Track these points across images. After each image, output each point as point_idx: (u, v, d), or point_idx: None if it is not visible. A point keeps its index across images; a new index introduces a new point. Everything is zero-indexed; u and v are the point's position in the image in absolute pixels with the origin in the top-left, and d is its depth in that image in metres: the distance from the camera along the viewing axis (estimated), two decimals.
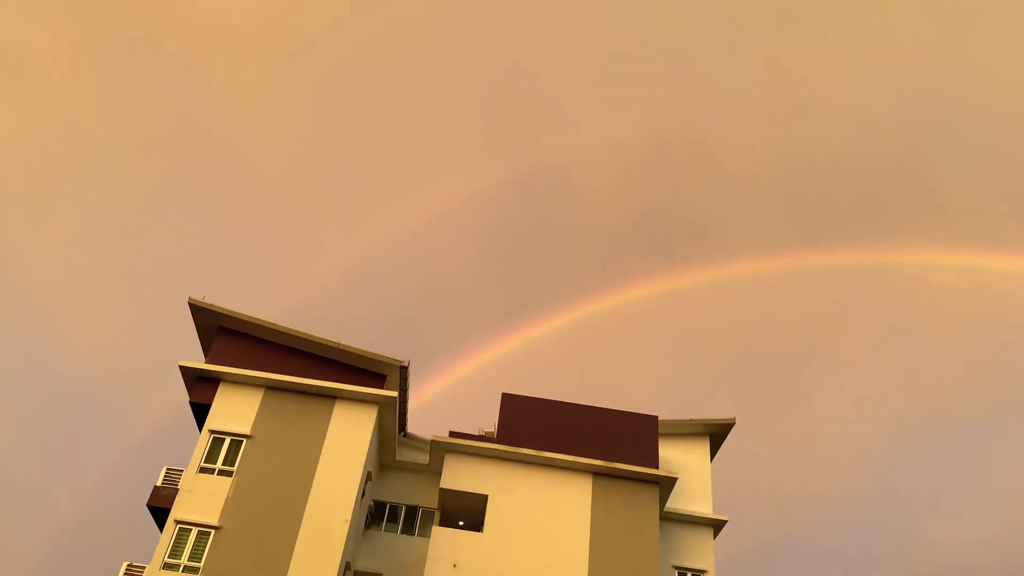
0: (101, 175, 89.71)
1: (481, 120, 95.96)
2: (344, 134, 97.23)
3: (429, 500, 32.89)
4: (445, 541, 30.51)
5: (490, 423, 35.48)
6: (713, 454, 36.18)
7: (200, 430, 30.60)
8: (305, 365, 31.77)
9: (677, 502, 33.84)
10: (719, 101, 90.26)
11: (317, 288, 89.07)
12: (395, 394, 31.16)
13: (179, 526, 27.78)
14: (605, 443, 33.03)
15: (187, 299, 31.67)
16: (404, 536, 32.65)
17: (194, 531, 27.77)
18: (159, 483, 29.02)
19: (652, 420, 34.10)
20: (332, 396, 31.08)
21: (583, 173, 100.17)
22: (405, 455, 34.12)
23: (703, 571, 32.63)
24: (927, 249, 78.99)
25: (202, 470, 29.15)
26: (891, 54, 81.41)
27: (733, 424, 35.89)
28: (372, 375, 31.95)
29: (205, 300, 31.66)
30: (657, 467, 32.62)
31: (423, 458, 33.67)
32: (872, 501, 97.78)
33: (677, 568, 32.59)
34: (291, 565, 27.43)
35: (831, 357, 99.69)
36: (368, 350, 31.78)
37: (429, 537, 31.02)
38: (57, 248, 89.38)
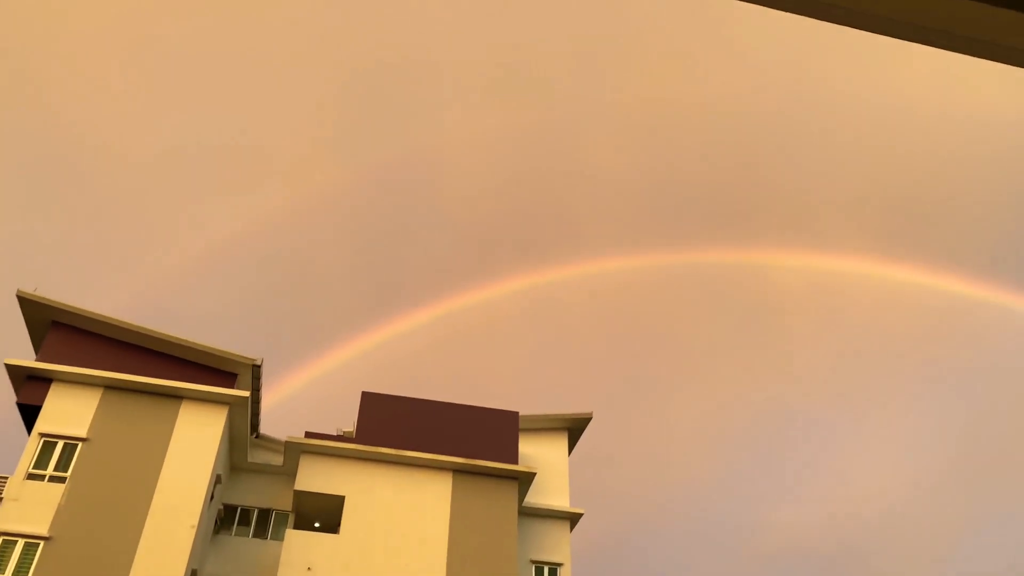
0: None
1: (339, 109, 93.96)
2: (190, 116, 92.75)
3: (283, 502, 31.85)
4: (299, 544, 29.63)
5: (349, 423, 34.74)
6: (571, 448, 36.90)
7: (29, 433, 28.31)
8: (149, 363, 30.00)
9: (535, 496, 34.26)
10: (586, 107, 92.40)
11: (163, 281, 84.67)
12: (246, 394, 29.92)
13: (3, 538, 25.57)
14: (466, 440, 33.03)
15: (15, 292, 29.24)
16: (256, 540, 31.47)
17: (20, 543, 25.63)
18: None
19: (512, 416, 34.38)
20: (178, 396, 29.47)
21: (447, 167, 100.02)
22: (258, 456, 32.86)
23: (559, 564, 33.20)
24: (772, 250, 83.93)
25: (30, 476, 26.95)
26: (737, 70, 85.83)
27: (590, 419, 36.74)
28: (222, 374, 30.56)
29: (36, 292, 29.32)
30: (517, 462, 32.92)
31: (277, 459, 32.54)
32: (723, 489, 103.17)
33: (534, 562, 32.99)
34: (131, 574, 25.85)
35: (686, 353, 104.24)
36: (217, 347, 30.38)
37: (283, 540, 30.06)
38: None
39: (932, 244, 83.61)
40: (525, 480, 32.48)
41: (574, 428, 36.93)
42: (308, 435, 32.24)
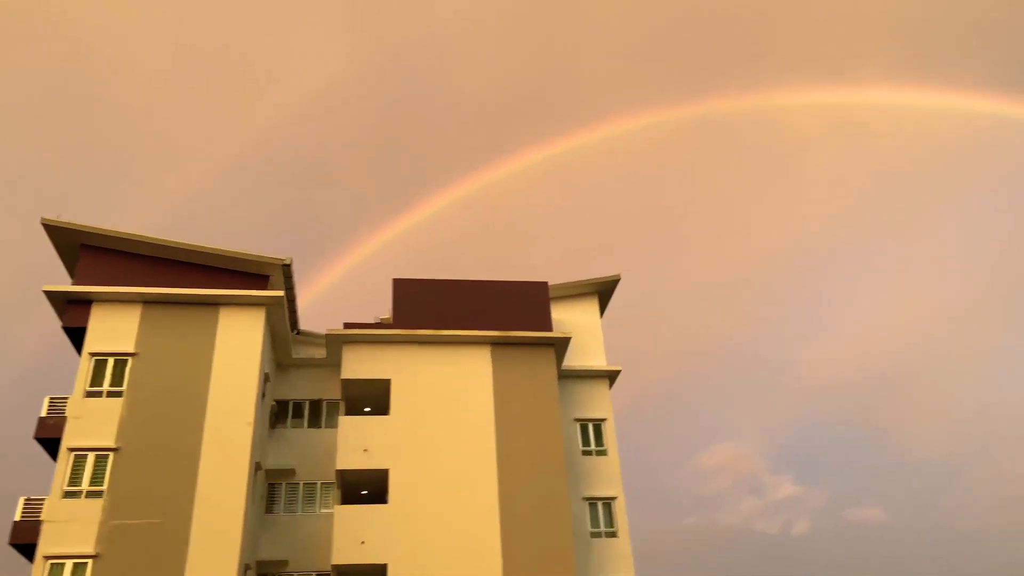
0: None
1: (338, 5, 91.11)
2: (195, 28, 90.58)
3: (332, 392, 32.97)
4: (353, 428, 30.88)
5: (385, 310, 35.44)
6: (603, 311, 37.47)
7: (80, 354, 29.32)
8: (183, 275, 30.55)
9: (574, 359, 35.13)
10: None
11: (185, 195, 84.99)
12: (280, 293, 30.51)
13: (73, 454, 26.94)
14: (499, 314, 33.62)
15: (40, 219, 29.62)
16: (311, 429, 32.77)
17: (91, 456, 27.02)
18: (43, 414, 27.83)
19: (542, 286, 34.82)
20: (214, 303, 30.16)
21: (452, 48, 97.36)
22: (302, 352, 33.84)
23: (603, 419, 34.36)
24: (790, 91, 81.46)
25: (89, 394, 28.10)
26: None
27: (618, 280, 37.11)
28: (255, 277, 31.09)
29: (60, 219, 29.66)
30: (551, 329, 33.58)
31: (321, 352, 33.49)
32: (755, 334, 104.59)
33: (578, 420, 34.17)
34: (199, 473, 27.24)
35: (708, 205, 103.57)
36: (245, 252, 30.78)
37: (336, 427, 31.32)
38: None
39: (959, 67, 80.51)
40: (561, 345, 33.22)
41: (604, 291, 37.39)
42: (347, 326, 32.99)
